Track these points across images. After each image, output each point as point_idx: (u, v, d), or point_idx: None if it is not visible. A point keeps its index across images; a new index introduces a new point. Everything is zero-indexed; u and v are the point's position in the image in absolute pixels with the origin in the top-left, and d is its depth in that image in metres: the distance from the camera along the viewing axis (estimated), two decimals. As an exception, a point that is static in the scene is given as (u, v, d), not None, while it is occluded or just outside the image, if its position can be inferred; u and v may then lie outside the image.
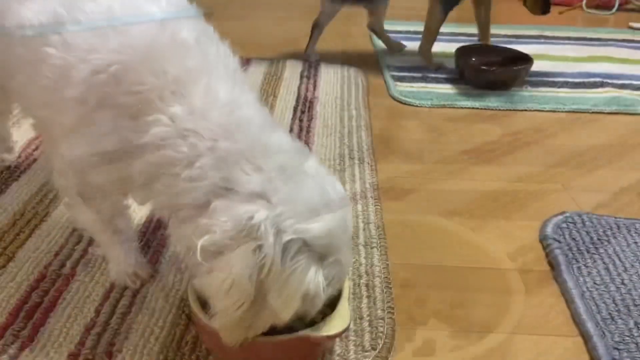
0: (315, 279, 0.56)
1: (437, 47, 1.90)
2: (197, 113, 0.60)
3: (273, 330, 0.62)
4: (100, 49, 0.62)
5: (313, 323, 0.67)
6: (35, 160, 1.12)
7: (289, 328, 0.63)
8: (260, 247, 0.54)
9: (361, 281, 0.85)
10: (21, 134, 1.19)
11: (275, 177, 0.58)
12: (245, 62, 1.73)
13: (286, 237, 0.55)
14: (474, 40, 1.89)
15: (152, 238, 0.92)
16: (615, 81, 1.66)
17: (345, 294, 0.70)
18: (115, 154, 0.62)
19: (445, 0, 1.65)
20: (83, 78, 0.61)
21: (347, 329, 0.66)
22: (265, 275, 0.55)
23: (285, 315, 0.58)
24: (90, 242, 0.88)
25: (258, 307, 0.57)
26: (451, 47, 1.72)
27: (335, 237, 0.59)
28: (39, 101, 0.68)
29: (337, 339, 0.74)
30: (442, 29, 1.72)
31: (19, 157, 1.13)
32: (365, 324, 0.77)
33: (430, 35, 1.71)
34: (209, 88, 0.62)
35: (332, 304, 0.68)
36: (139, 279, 0.82)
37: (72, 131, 0.65)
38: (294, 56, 1.78)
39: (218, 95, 0.62)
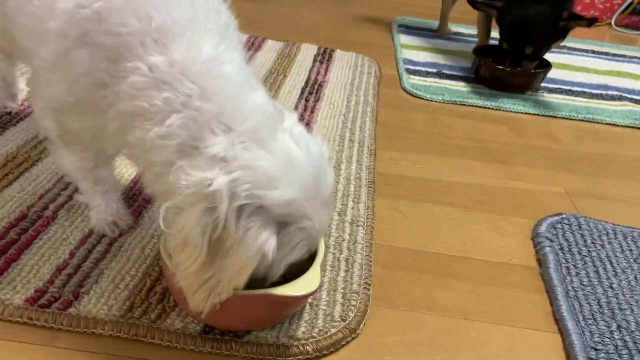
0: (268, 241, 0.55)
1: (459, 46, 1.88)
2: (176, 66, 0.59)
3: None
4: None
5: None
6: (37, 109, 1.13)
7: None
8: (214, 208, 0.53)
9: (341, 256, 0.84)
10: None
11: (242, 140, 0.56)
12: (261, 41, 1.72)
13: (240, 202, 0.54)
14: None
15: (140, 191, 0.92)
16: (634, 96, 1.62)
17: (319, 260, 0.68)
18: (89, 95, 0.62)
19: None
20: (66, 10, 0.61)
21: (313, 292, 0.64)
22: (219, 236, 0.54)
23: (241, 277, 0.56)
24: (77, 189, 0.88)
25: (216, 269, 0.56)
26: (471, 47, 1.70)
27: (299, 204, 0.57)
28: (25, 29, 0.68)
29: (307, 305, 0.73)
30: (466, 30, 1.70)
31: (22, 105, 1.13)
32: (339, 296, 0.76)
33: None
34: (193, 42, 0.60)
35: (304, 269, 0.67)
36: (117, 228, 0.81)
37: (51, 66, 0.64)
38: (311, 41, 1.77)
39: (201, 51, 0.60)
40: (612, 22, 2.48)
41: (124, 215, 0.83)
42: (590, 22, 1.44)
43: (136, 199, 0.90)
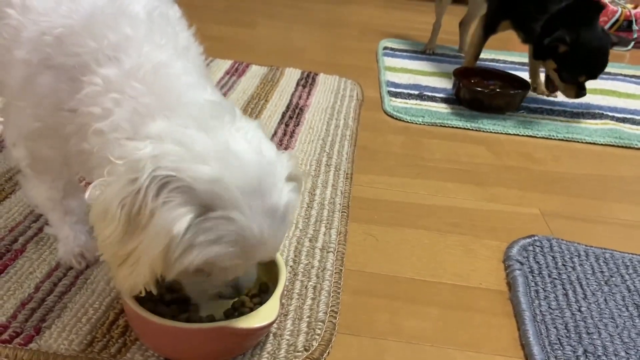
0: (181, 221, 0.51)
1: (442, 68, 1.90)
2: (127, 74, 0.59)
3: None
4: (52, 13, 0.63)
5: (240, 315, 0.66)
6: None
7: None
8: (136, 179, 0.51)
9: (309, 283, 0.84)
10: None
11: (183, 122, 0.55)
12: (245, 66, 1.75)
13: (163, 173, 0.51)
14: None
15: (110, 223, 0.92)
16: (616, 114, 1.63)
17: (279, 289, 0.69)
18: (54, 118, 0.63)
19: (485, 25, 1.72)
20: (30, 39, 0.63)
21: (271, 324, 0.64)
22: (139, 209, 0.52)
23: (153, 258, 0.52)
24: (47, 222, 0.89)
25: (134, 246, 0.53)
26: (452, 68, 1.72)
27: (229, 188, 0.52)
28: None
29: (271, 335, 0.73)
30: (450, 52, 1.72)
31: None
32: (304, 325, 0.76)
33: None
34: (143, 53, 0.61)
35: (263, 300, 0.67)
36: (84, 260, 0.82)
37: (18, 94, 0.66)
38: (297, 65, 1.80)
39: (150, 58, 0.60)
40: (598, 39, 2.50)
41: (92, 247, 0.83)
42: (627, 42, 1.49)
43: (107, 230, 0.90)
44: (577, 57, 1.48)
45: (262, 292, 0.76)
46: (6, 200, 0.95)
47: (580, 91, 1.55)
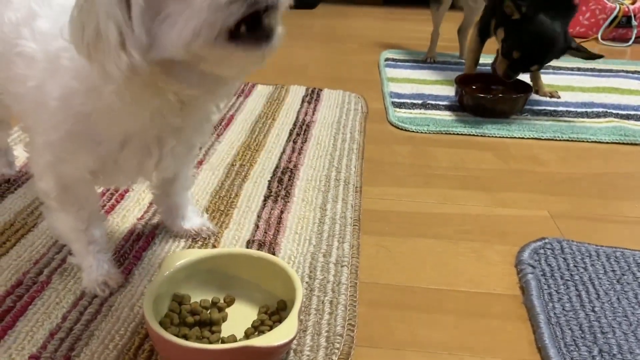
0: None
1: (444, 75, 1.93)
2: None
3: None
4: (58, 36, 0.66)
5: (260, 334, 0.68)
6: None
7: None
8: None
9: (326, 298, 0.86)
10: (22, 150, 1.24)
11: None
12: (251, 87, 1.78)
13: None
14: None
15: (130, 250, 0.95)
16: (619, 111, 1.64)
17: (297, 307, 0.71)
18: (74, 117, 0.67)
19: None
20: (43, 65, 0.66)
21: (291, 341, 0.67)
22: None
23: None
24: (70, 252, 0.92)
25: None
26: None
27: None
28: (13, 93, 0.73)
29: (291, 351, 0.75)
30: (451, 59, 1.74)
31: (19, 172, 1.18)
32: (323, 339, 0.78)
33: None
34: None
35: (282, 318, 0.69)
36: (108, 288, 0.84)
37: (40, 115, 0.69)
38: (300, 81, 1.83)
39: None
40: (599, 36, 2.52)
41: (114, 274, 0.86)
42: (591, 57, 1.49)
43: (127, 257, 0.93)
44: (523, 31, 1.49)
45: (281, 310, 0.78)
46: (29, 234, 0.98)
47: (510, 71, 1.54)
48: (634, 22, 2.47)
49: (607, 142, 1.47)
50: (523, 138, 1.48)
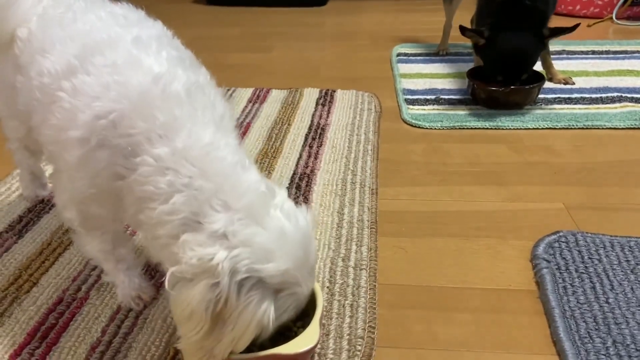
0: (266, 312, 0.63)
1: (456, 68, 1.94)
2: (178, 154, 0.68)
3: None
4: (102, 97, 0.71)
5: (285, 340, 0.73)
6: (65, 194, 1.24)
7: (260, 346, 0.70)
8: (217, 283, 0.61)
9: (346, 302, 0.90)
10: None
11: (240, 217, 0.65)
12: (266, 92, 1.82)
13: (241, 276, 0.62)
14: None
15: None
16: (635, 95, 1.63)
17: (318, 314, 0.75)
18: (108, 186, 0.71)
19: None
20: (86, 121, 0.71)
21: (314, 347, 0.71)
22: (222, 308, 0.62)
23: (241, 343, 0.64)
24: (103, 270, 0.98)
25: (216, 336, 0.64)
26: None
27: (291, 273, 0.65)
28: (50, 138, 0.78)
29: (316, 355, 0.79)
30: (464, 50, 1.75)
31: (52, 192, 1.25)
32: (345, 342, 0.82)
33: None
34: (192, 132, 0.69)
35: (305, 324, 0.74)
36: (142, 302, 0.90)
37: (74, 166, 0.74)
38: (313, 83, 1.86)
39: (199, 138, 0.69)
40: (614, 16, 2.48)
41: (146, 288, 0.92)
42: (571, 29, 1.48)
43: (157, 271, 0.99)
44: (493, 55, 1.56)
45: (304, 316, 0.82)
46: (66, 252, 1.05)
47: (512, 83, 1.56)
48: (650, -1, 2.43)
49: (623, 128, 1.47)
50: (537, 129, 1.49)
